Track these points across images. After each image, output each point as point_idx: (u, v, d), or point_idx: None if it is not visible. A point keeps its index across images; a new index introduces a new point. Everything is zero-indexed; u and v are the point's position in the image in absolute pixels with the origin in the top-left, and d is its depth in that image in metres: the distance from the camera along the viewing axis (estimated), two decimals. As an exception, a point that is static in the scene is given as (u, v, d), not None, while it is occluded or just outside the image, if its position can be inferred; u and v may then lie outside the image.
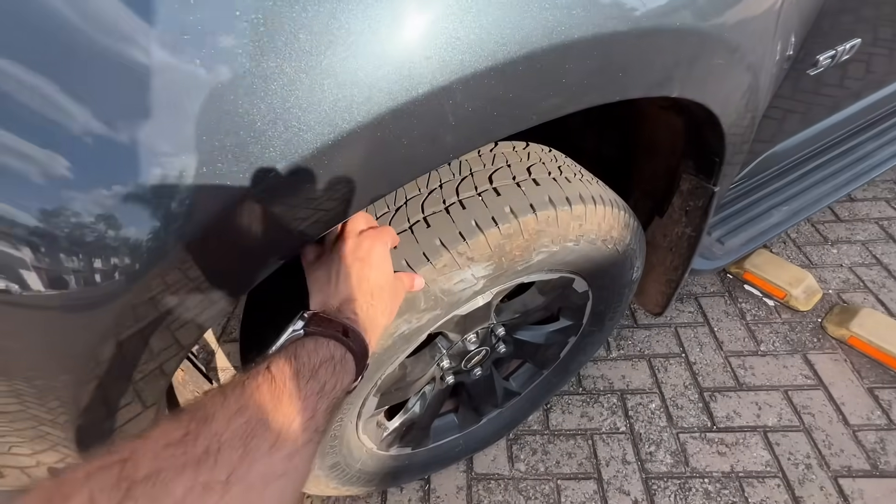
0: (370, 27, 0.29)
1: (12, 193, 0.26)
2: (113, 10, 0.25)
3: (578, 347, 0.91)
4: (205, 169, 0.28)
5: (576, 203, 0.55)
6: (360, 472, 0.74)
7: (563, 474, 0.97)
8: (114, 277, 0.30)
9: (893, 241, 1.34)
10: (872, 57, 0.76)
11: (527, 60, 0.34)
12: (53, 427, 0.41)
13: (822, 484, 0.91)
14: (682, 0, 0.40)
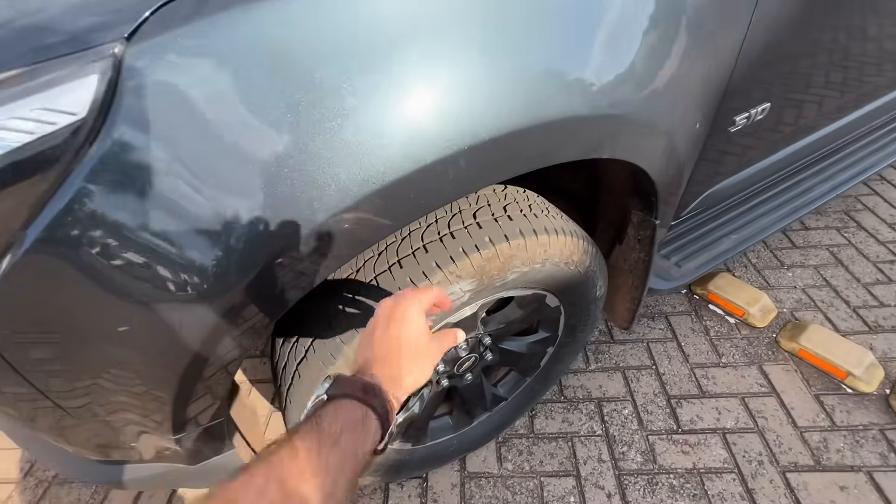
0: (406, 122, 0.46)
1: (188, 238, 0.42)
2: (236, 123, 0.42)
3: (556, 357, 1.05)
4: (269, 216, 0.44)
5: (541, 234, 0.71)
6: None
7: (545, 472, 1.09)
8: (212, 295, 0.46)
9: (842, 266, 1.51)
10: (784, 115, 0.94)
11: (510, 136, 0.51)
12: (152, 413, 0.56)
13: (772, 478, 1.03)
14: (608, 96, 0.57)
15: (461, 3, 0.48)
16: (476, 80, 0.48)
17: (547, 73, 0.53)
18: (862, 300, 1.39)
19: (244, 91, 0.41)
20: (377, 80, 0.45)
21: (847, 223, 1.66)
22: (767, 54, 0.76)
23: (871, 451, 1.06)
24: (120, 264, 0.42)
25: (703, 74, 0.69)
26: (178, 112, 0.40)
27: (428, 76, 0.47)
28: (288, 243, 0.46)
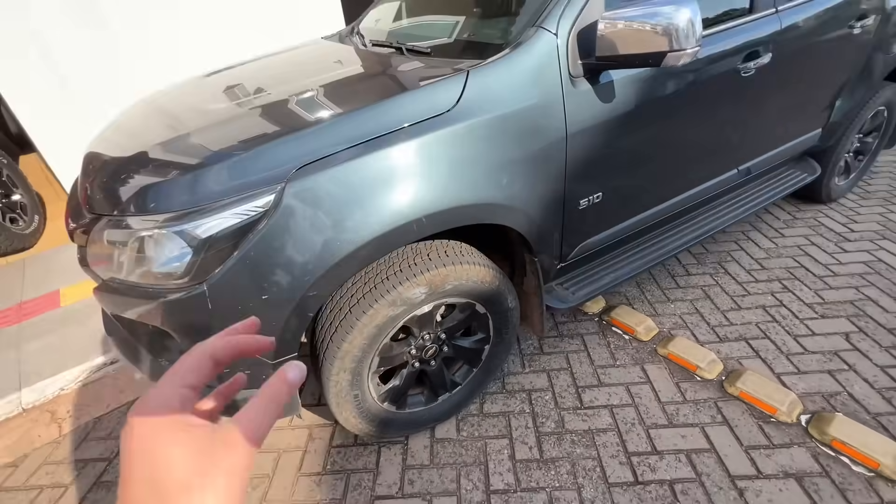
0: (389, 201, 1.08)
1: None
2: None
3: (492, 353, 1.60)
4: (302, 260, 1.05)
5: (464, 264, 1.31)
6: (367, 411, 1.38)
7: (489, 436, 1.58)
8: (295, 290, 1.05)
9: (709, 299, 2.09)
10: (614, 200, 1.58)
11: (444, 211, 1.13)
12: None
13: (639, 432, 1.53)
14: (489, 195, 1.21)
15: (424, 163, 1.12)
16: (430, 189, 1.11)
17: (461, 185, 1.17)
18: (718, 321, 1.96)
19: (319, 204, 1.03)
20: (388, 190, 1.08)
21: (717, 270, 2.27)
22: (586, 168, 1.42)
23: (705, 415, 1.57)
24: (259, 279, 1.01)
25: (544, 183, 1.33)
26: (299, 217, 1.01)
27: (409, 188, 1.10)
28: (325, 271, 1.06)
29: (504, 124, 1.20)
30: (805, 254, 2.32)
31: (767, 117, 1.91)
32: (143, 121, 1.45)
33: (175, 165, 1.06)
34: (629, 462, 1.45)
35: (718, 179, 1.93)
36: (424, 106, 1.12)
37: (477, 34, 1.53)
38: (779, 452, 1.43)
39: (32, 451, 1.73)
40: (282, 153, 1.01)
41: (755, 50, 1.62)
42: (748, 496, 1.32)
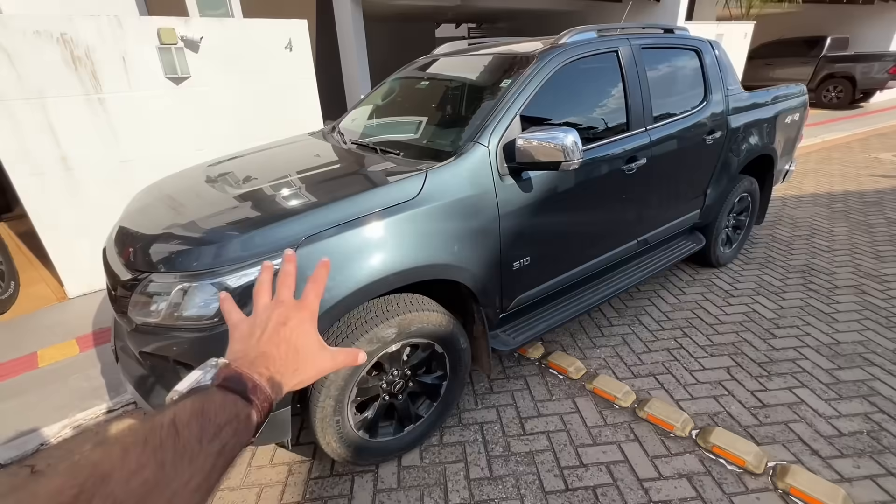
0: (371, 263, 1.48)
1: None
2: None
3: (449, 388, 1.93)
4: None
5: (424, 312, 1.69)
6: (346, 436, 1.65)
7: (447, 461, 1.86)
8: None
9: (626, 345, 2.55)
10: (540, 263, 2.06)
11: (407, 269, 1.54)
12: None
13: (570, 451, 1.87)
14: (442, 258, 1.64)
15: (397, 235, 1.54)
16: (400, 253, 1.53)
17: (423, 251, 1.59)
18: (633, 362, 2.41)
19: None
20: (371, 253, 1.48)
21: (634, 321, 2.77)
22: (515, 239, 1.90)
23: (621, 434, 1.94)
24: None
25: (484, 250, 1.79)
26: (304, 269, 1.39)
27: (386, 252, 1.50)
28: (321, 314, 1.42)
29: (454, 207, 1.67)
30: (700, 307, 2.88)
31: (653, 202, 2.53)
32: (169, 200, 1.82)
33: (212, 235, 1.42)
34: (561, 474, 1.77)
35: (622, 248, 2.49)
36: (397, 194, 1.58)
37: (433, 143, 2.06)
38: (675, 459, 1.81)
39: (13, 503, 1.81)
40: (295, 227, 1.41)
41: (633, 155, 2.26)
42: (651, 493, 1.67)
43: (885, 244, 3.68)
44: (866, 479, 1.69)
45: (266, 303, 0.52)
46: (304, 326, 0.51)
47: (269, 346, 0.47)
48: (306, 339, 0.50)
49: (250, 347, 0.47)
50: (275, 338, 0.48)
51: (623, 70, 2.26)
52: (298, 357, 0.49)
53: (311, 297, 0.54)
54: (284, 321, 0.50)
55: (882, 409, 2.00)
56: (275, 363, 0.46)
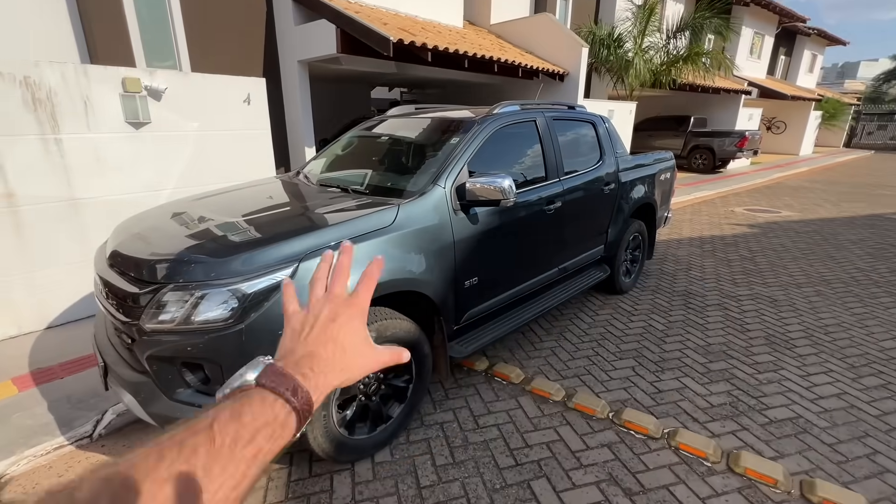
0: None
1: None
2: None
3: (415, 390, 2.24)
4: None
5: (397, 319, 2.04)
6: (330, 431, 1.88)
7: (415, 454, 2.13)
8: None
9: (556, 356, 3.05)
10: (485, 282, 2.52)
11: (391, 281, 1.90)
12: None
13: (517, 437, 2.25)
14: (411, 274, 2.03)
15: (376, 253, 1.91)
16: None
17: (397, 267, 1.97)
18: (561, 367, 2.89)
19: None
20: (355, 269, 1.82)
21: (560, 338, 3.30)
22: (467, 262, 2.35)
23: (556, 420, 2.37)
24: (277, 321, 1.64)
25: (443, 269, 2.21)
26: (306, 278, 1.70)
27: None
28: None
29: (420, 234, 2.10)
30: (610, 324, 3.51)
31: (567, 237, 3.17)
32: (166, 227, 2.03)
33: (227, 251, 1.69)
34: (512, 454, 2.13)
35: (547, 274, 3.05)
36: (378, 221, 1.97)
37: (396, 185, 2.50)
38: (598, 434, 2.27)
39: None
40: (298, 244, 1.73)
41: (551, 199, 2.88)
42: (582, 460, 2.09)
43: (739, 274, 4.72)
44: (729, 433, 2.26)
45: (319, 296, 0.51)
46: (352, 323, 0.50)
47: (316, 345, 0.46)
48: (354, 336, 0.49)
49: (298, 345, 0.46)
50: (322, 336, 0.47)
51: (540, 135, 2.93)
52: (346, 356, 0.48)
53: (363, 293, 0.52)
54: (334, 317, 0.49)
55: (738, 388, 2.66)
56: (320, 363, 0.45)
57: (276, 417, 0.39)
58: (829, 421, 2.37)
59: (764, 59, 17.99)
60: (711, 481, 1.96)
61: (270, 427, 0.38)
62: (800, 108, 19.04)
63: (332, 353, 0.47)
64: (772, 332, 3.39)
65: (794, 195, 10.00)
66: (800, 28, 19.38)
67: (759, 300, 4.01)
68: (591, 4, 11.82)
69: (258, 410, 0.38)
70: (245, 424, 0.36)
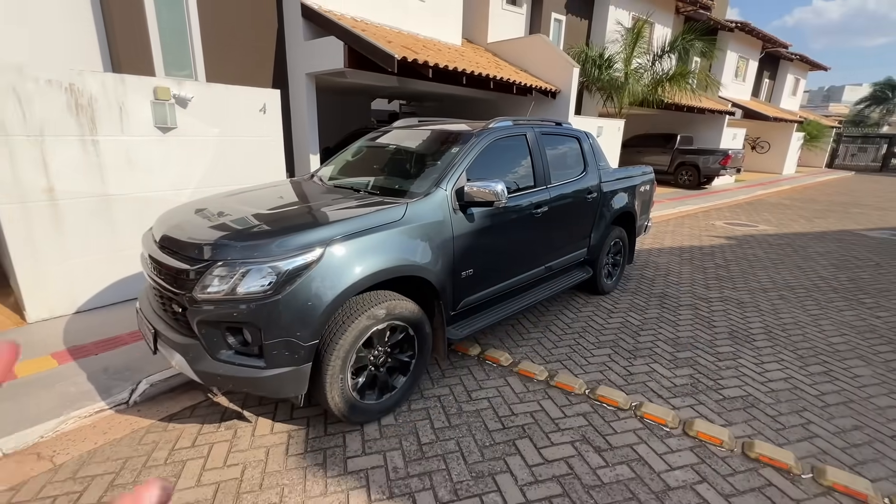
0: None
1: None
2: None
3: (417, 365, 2.56)
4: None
5: (403, 301, 2.37)
6: (345, 393, 2.20)
7: (416, 420, 2.46)
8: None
9: (541, 345, 3.39)
10: (480, 274, 2.87)
11: (399, 266, 2.24)
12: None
13: (505, 408, 2.57)
14: (408, 261, 2.37)
15: (388, 244, 2.25)
16: (391, 255, 2.23)
17: (405, 255, 2.31)
18: (546, 354, 3.24)
19: (343, 256, 2.09)
20: (372, 254, 2.17)
21: (545, 330, 3.64)
22: (463, 254, 2.70)
23: (539, 395, 2.70)
24: (309, 292, 1.98)
25: (444, 259, 2.56)
26: (332, 262, 2.04)
27: (382, 254, 2.20)
28: (343, 290, 2.06)
29: (425, 228, 2.45)
30: (592, 320, 3.87)
31: (554, 239, 3.54)
32: (209, 215, 2.36)
33: (264, 234, 2.03)
34: (500, 420, 2.47)
35: (534, 271, 3.41)
36: (390, 216, 2.32)
37: (402, 187, 2.86)
38: (575, 406, 2.61)
39: (29, 479, 2.03)
40: (325, 231, 2.08)
41: (539, 204, 3.25)
42: (560, 425, 2.43)
43: (713, 280, 5.12)
44: (688, 407, 2.62)
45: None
46: None
47: None
48: None
49: None
50: None
51: (530, 147, 3.32)
52: None
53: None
54: None
55: (700, 372, 3.02)
56: None
57: None
58: (774, 398, 2.73)
59: (749, 82, 18.80)
60: (668, 442, 2.31)
61: None
62: (783, 129, 19.84)
63: None
64: (735, 328, 3.77)
65: (773, 211, 10.53)
66: (782, 53, 20.30)
67: (727, 302, 4.40)
68: (583, 26, 12.43)
69: None
70: None
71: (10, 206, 3.10)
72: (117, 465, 2.11)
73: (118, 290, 3.68)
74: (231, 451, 2.20)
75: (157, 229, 2.39)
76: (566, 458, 2.18)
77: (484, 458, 2.18)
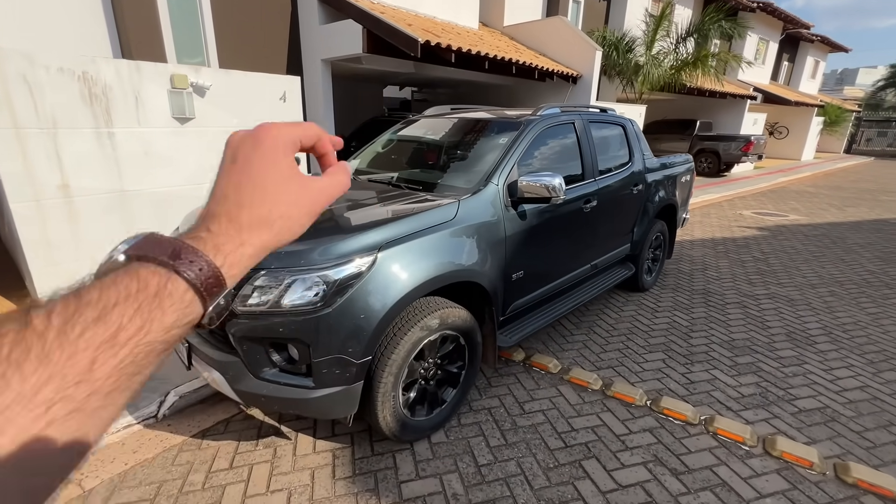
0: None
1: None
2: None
3: (467, 377, 2.36)
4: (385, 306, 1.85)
5: (456, 308, 2.16)
6: (396, 411, 2.00)
7: (469, 436, 2.26)
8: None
9: (588, 348, 3.18)
10: (530, 275, 2.65)
11: (453, 272, 2.02)
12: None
13: (563, 422, 2.37)
14: (465, 267, 2.15)
15: (441, 246, 2.03)
16: (445, 259, 2.01)
17: (459, 259, 2.09)
18: (595, 359, 3.02)
19: (395, 263, 1.87)
20: (426, 258, 1.95)
21: (589, 332, 3.43)
22: (515, 256, 2.47)
23: (598, 407, 2.50)
24: (361, 305, 1.77)
25: (496, 262, 2.34)
26: (384, 269, 1.82)
27: (436, 258, 1.98)
28: (397, 300, 1.84)
29: (478, 228, 2.22)
30: (636, 320, 3.64)
31: (601, 235, 3.30)
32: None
33: (311, 239, 1.81)
34: (560, 437, 2.26)
35: (581, 270, 3.18)
36: (441, 216, 2.09)
37: (450, 182, 2.62)
38: (638, 420, 2.40)
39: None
40: (376, 235, 1.85)
41: (588, 197, 3.01)
42: (626, 442, 2.22)
43: (754, 274, 4.87)
44: (762, 421, 2.40)
45: (234, 133, 0.42)
46: (270, 156, 0.39)
47: (217, 196, 0.38)
48: (274, 171, 0.38)
49: (208, 203, 0.38)
50: (225, 180, 0.38)
51: (578, 136, 3.06)
52: (267, 199, 0.37)
53: (286, 127, 0.41)
54: (260, 145, 0.39)
55: (766, 380, 2.80)
56: (222, 220, 0.36)
57: (144, 288, 0.30)
58: (855, 411, 2.51)
59: (768, 65, 18.21)
60: (751, 463, 2.10)
61: (134, 300, 0.29)
62: (802, 113, 19.26)
63: (248, 198, 0.37)
64: (792, 329, 3.53)
65: (799, 199, 10.18)
66: (803, 34, 19.61)
67: (776, 299, 4.15)
68: (602, 8, 11.97)
69: (109, 285, 0.29)
70: (88, 302, 0.28)
71: (23, 205, 2.90)
72: (152, 490, 1.93)
73: (138, 291, 3.49)
74: (273, 474, 2.01)
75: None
76: (642, 482, 1.98)
77: (551, 482, 1.98)
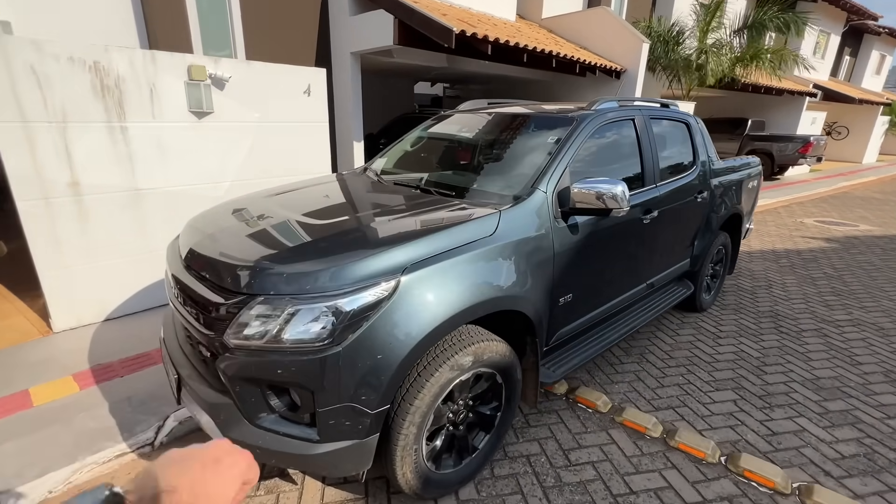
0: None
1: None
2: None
3: (502, 420, 1.99)
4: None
5: (489, 342, 1.79)
6: (419, 465, 1.66)
7: (504, 493, 1.89)
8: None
9: (641, 381, 2.74)
10: (579, 299, 2.24)
11: (491, 300, 1.65)
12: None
13: (617, 480, 1.96)
14: (507, 293, 1.77)
15: (478, 267, 1.67)
16: (481, 286, 1.65)
17: (499, 282, 1.72)
18: (651, 396, 2.58)
19: (421, 288, 1.51)
20: (458, 283, 1.59)
21: (641, 360, 2.98)
22: (564, 276, 2.08)
23: (659, 462, 2.07)
24: (378, 343, 1.42)
25: (542, 285, 1.95)
26: (409, 297, 1.47)
27: (469, 283, 1.61)
28: (425, 336, 1.49)
29: (522, 245, 1.84)
30: (696, 347, 3.16)
31: (659, 250, 2.85)
32: (248, 225, 1.85)
33: (319, 259, 1.48)
34: (616, 502, 1.86)
35: (635, 290, 2.74)
36: (479, 230, 1.73)
37: (488, 188, 2.24)
38: (713, 483, 1.96)
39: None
40: (400, 255, 1.50)
41: (648, 207, 2.57)
42: (701, 515, 1.80)
43: (830, 295, 4.25)
44: (874, 495, 1.92)
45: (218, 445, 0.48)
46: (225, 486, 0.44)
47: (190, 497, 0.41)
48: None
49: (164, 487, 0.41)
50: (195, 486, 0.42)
51: (638, 134, 2.62)
52: None
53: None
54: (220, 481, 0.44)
55: (869, 435, 2.29)
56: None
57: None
58: None
59: (828, 60, 16.81)
60: (869, 558, 1.64)
61: None
62: (865, 112, 17.71)
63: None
64: (890, 367, 2.97)
65: (867, 207, 9.21)
66: (869, 26, 18.04)
67: (862, 327, 3.56)
68: (648, -1, 11.24)
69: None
70: None
71: (31, 203, 2.72)
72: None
73: (150, 294, 3.30)
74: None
75: (184, 240, 1.89)
76: (727, 577, 1.56)
77: (608, 568, 1.58)
